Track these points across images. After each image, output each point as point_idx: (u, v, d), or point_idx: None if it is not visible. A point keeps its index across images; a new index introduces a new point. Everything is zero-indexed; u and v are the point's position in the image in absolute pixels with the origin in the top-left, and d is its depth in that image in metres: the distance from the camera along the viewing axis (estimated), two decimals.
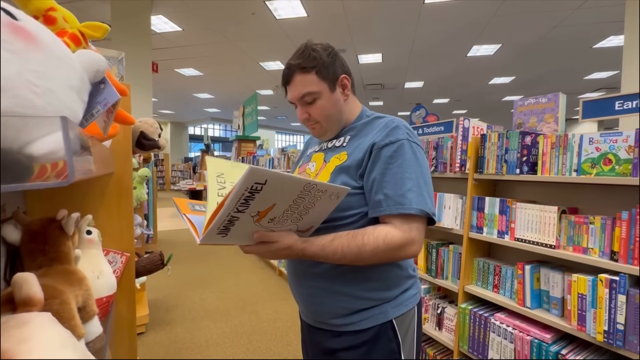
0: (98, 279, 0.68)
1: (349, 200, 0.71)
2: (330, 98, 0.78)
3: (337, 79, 0.79)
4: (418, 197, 0.69)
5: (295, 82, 0.77)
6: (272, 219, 0.60)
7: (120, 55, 0.98)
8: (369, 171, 0.73)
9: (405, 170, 0.71)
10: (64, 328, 0.40)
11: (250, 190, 0.51)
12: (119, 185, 0.85)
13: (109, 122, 0.47)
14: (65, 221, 0.60)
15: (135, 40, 4.77)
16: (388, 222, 0.70)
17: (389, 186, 0.70)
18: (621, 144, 1.18)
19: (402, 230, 0.68)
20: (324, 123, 0.81)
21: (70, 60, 0.33)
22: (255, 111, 6.30)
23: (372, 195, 0.72)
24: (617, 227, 1.16)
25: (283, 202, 0.57)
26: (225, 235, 0.57)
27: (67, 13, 0.52)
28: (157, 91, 9.14)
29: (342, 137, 0.83)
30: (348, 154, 0.77)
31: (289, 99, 0.81)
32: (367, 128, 0.80)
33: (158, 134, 1.06)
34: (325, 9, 4.75)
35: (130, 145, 0.87)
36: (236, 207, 0.53)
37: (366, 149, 0.74)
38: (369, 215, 0.73)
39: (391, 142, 0.73)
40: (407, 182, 0.70)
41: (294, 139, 20.89)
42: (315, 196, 0.58)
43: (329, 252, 0.67)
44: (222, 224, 0.55)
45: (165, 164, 13.73)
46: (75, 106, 0.33)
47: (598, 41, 5.65)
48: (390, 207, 0.69)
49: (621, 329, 1.11)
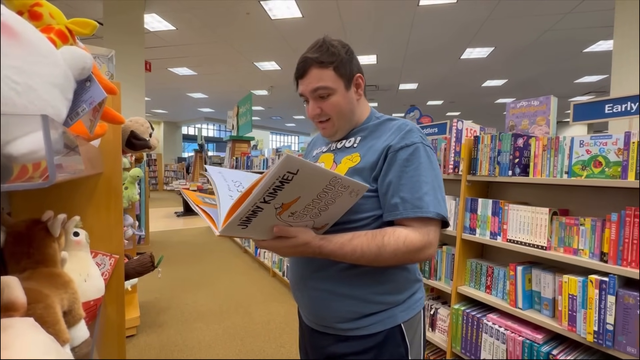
0: (85, 282, 0.67)
1: (362, 203, 0.70)
2: (345, 96, 0.77)
3: (353, 78, 0.78)
4: (434, 201, 0.69)
5: (310, 76, 0.75)
6: (293, 213, 0.59)
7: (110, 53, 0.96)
8: (384, 174, 0.72)
9: (421, 174, 0.70)
10: (47, 333, 0.39)
11: (281, 179, 0.50)
12: (108, 186, 0.83)
13: (95, 121, 0.46)
14: (51, 222, 0.58)
15: (128, 38, 4.72)
16: (406, 225, 0.69)
17: (406, 189, 0.69)
18: (611, 147, 1.20)
19: (420, 233, 0.68)
20: (336, 120, 0.78)
21: (54, 57, 0.32)
22: (250, 111, 6.27)
23: (388, 199, 0.71)
24: (606, 229, 1.18)
25: (308, 195, 0.56)
26: (245, 227, 0.56)
27: (53, 9, 0.50)
28: (150, 90, 9.05)
29: (353, 138, 0.81)
30: (361, 156, 0.75)
31: (300, 92, 0.79)
32: (379, 130, 0.79)
33: (149, 134, 1.04)
34: (320, 9, 4.75)
35: (120, 145, 0.85)
36: (264, 196, 0.52)
37: (380, 152, 0.73)
38: (385, 218, 0.73)
39: (406, 145, 0.72)
40: (423, 186, 0.69)
41: (289, 139, 20.86)
42: (337, 192, 0.58)
43: (347, 251, 0.66)
44: (245, 215, 0.54)
45: (158, 164, 13.59)
46: (59, 104, 0.32)
47: (588, 45, 5.76)
48: (408, 211, 0.68)
49: (610, 329, 1.13)
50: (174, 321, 2.52)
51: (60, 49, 0.35)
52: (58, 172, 0.36)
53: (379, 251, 0.66)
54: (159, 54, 6.62)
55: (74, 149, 0.43)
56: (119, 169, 0.84)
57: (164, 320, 2.52)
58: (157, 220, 6.73)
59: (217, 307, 2.79)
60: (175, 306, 2.79)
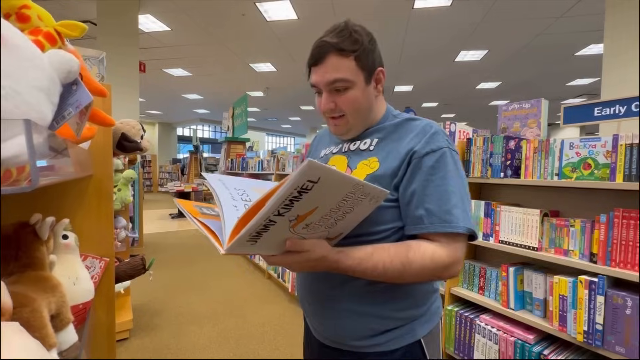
0: (74, 285, 0.66)
1: (381, 214, 0.64)
2: (364, 91, 0.68)
3: (375, 71, 0.69)
4: (463, 214, 0.63)
5: (327, 64, 0.65)
6: (308, 225, 0.52)
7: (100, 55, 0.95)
8: (407, 182, 0.64)
9: (449, 183, 0.63)
10: (33, 338, 0.38)
11: (300, 189, 0.44)
12: (99, 188, 0.82)
13: (82, 124, 0.46)
14: (39, 226, 0.57)
15: (122, 39, 4.69)
16: (431, 240, 0.63)
17: (432, 200, 0.62)
18: (600, 149, 1.22)
19: (448, 249, 0.62)
20: (351, 118, 0.70)
21: (39, 61, 0.32)
22: (245, 112, 6.26)
23: (412, 210, 0.64)
24: (596, 230, 1.20)
25: (326, 205, 0.50)
26: (254, 242, 0.49)
27: (41, 11, 0.50)
28: (144, 91, 8.99)
29: (368, 139, 0.72)
30: (380, 161, 0.67)
31: (313, 82, 0.69)
32: (399, 131, 0.70)
33: (141, 136, 1.03)
34: (316, 12, 4.76)
35: (111, 148, 0.85)
36: (278, 209, 0.45)
37: (403, 157, 0.65)
38: (407, 231, 0.65)
39: (432, 151, 0.64)
40: (452, 197, 0.62)
41: (285, 140, 20.85)
42: (357, 199, 0.52)
43: (368, 267, 0.59)
44: (256, 230, 0.47)
45: (153, 166, 13.49)
46: (44, 108, 0.32)
47: (580, 49, 5.84)
48: (435, 225, 0.62)
49: (600, 329, 1.14)
50: (168, 324, 2.50)
51: (47, 53, 0.35)
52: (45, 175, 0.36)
53: (403, 268, 0.60)
54: (154, 55, 6.59)
55: (61, 152, 0.43)
56: (109, 171, 0.83)
57: (157, 323, 2.50)
58: (152, 222, 6.68)
59: (212, 310, 2.77)
60: (169, 309, 2.76)
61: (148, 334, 2.34)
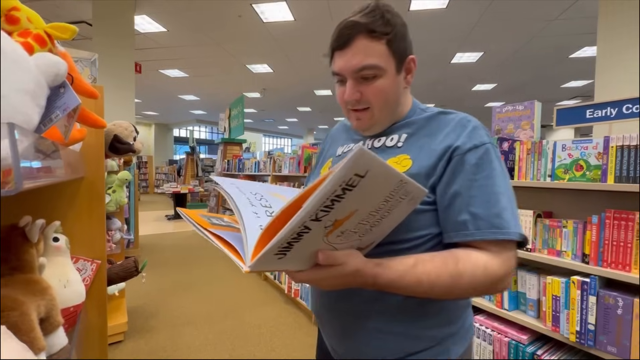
0: (65, 288, 0.66)
1: (415, 218, 0.56)
2: (394, 80, 0.60)
3: (406, 59, 0.61)
4: (514, 218, 0.55)
5: (355, 48, 0.57)
6: (343, 232, 0.44)
7: (92, 56, 0.95)
8: (448, 183, 0.57)
9: (496, 183, 0.55)
10: (19, 341, 0.38)
11: (345, 186, 0.37)
12: (90, 191, 0.82)
13: (69, 127, 0.46)
14: (28, 228, 0.57)
15: (118, 40, 4.67)
16: (479, 248, 0.54)
17: (479, 203, 0.54)
18: (591, 151, 1.24)
19: (501, 259, 0.54)
20: (377, 111, 0.61)
21: (25, 64, 0.32)
22: (242, 114, 6.25)
23: (453, 214, 0.56)
24: (588, 231, 1.21)
25: (367, 206, 0.43)
26: (283, 256, 0.41)
27: (31, 13, 0.50)
28: (141, 92, 8.96)
29: (395, 135, 0.64)
30: (412, 159, 0.59)
31: (337, 69, 0.60)
32: (431, 125, 0.62)
33: (133, 137, 1.03)
34: (313, 13, 4.77)
35: (103, 149, 0.85)
36: (317, 212, 0.37)
37: (440, 154, 0.57)
38: (447, 239, 0.57)
39: (475, 147, 0.57)
40: (500, 199, 0.55)
41: (282, 141, 20.84)
42: (397, 200, 0.45)
43: (411, 282, 0.50)
44: (287, 240, 0.39)
45: (149, 167, 13.43)
46: (30, 111, 0.32)
47: (574, 51, 5.90)
48: (484, 231, 0.54)
49: (592, 329, 1.15)
50: (163, 326, 2.48)
51: (34, 56, 0.35)
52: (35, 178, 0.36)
53: (453, 283, 0.51)
54: (150, 56, 6.57)
55: (49, 155, 0.43)
56: (101, 173, 0.83)
57: (152, 326, 2.49)
58: (147, 224, 6.64)
59: (208, 311, 2.76)
60: (165, 311, 2.75)
61: (143, 337, 2.32)
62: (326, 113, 12.64)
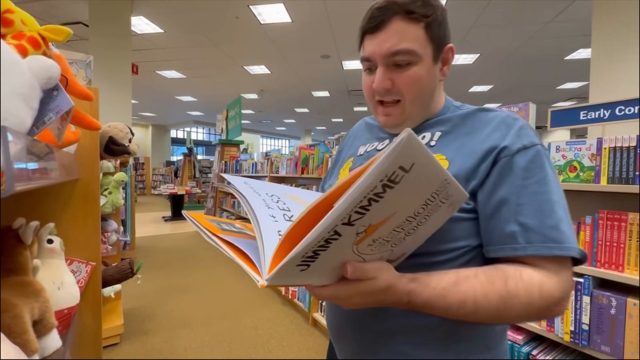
0: (59, 290, 0.66)
1: (451, 227, 0.48)
2: (430, 69, 0.53)
3: (444, 47, 0.55)
4: (571, 232, 0.47)
5: (390, 30, 0.51)
6: (375, 241, 0.37)
7: (87, 58, 0.95)
8: (492, 188, 0.49)
9: (551, 190, 0.48)
10: (12, 344, 0.38)
11: (387, 182, 0.31)
12: (85, 192, 0.82)
13: (62, 129, 0.46)
14: (22, 230, 0.57)
15: (115, 41, 4.66)
16: (531, 265, 0.47)
17: (530, 212, 0.47)
18: (585, 152, 1.25)
19: (558, 278, 0.46)
20: (409, 104, 0.54)
21: (18, 67, 0.32)
22: (239, 115, 6.25)
23: (499, 224, 0.48)
24: (582, 232, 1.22)
25: (406, 209, 0.36)
26: (306, 268, 0.35)
27: (25, 15, 0.50)
28: (138, 93, 8.93)
29: (428, 133, 0.57)
30: (448, 160, 0.52)
31: (368, 54, 0.53)
32: (469, 124, 0.55)
33: (129, 139, 1.03)
34: (310, 15, 4.79)
35: (98, 151, 0.85)
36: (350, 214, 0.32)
37: (482, 154, 0.50)
38: (490, 253, 0.50)
39: (525, 147, 0.50)
40: (557, 209, 0.47)
41: (279, 143, 20.85)
42: (438, 204, 0.38)
43: (453, 303, 0.43)
44: (313, 247, 0.33)
45: (146, 168, 13.37)
46: (22, 114, 0.32)
47: (569, 53, 5.96)
48: (536, 245, 0.46)
49: (586, 329, 1.16)
50: (160, 328, 2.47)
51: (27, 59, 0.35)
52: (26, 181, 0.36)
53: (504, 305, 0.43)
54: (147, 57, 6.55)
55: (43, 157, 0.43)
56: (96, 175, 0.83)
57: (149, 328, 2.47)
58: (144, 225, 6.61)
59: (204, 313, 2.75)
60: (161, 313, 2.74)
61: (139, 339, 2.31)
62: (324, 114, 12.66)
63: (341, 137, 3.56)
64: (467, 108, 0.59)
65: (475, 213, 0.51)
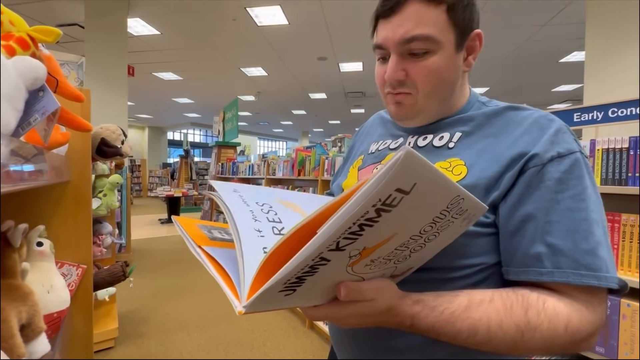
0: (48, 294, 0.65)
1: (466, 243, 0.43)
2: (451, 59, 0.46)
3: (470, 33, 0.47)
4: (611, 258, 0.41)
5: (406, 14, 0.44)
6: (374, 261, 0.34)
7: (79, 59, 0.94)
8: (518, 200, 0.43)
9: (590, 208, 0.41)
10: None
11: (380, 207, 0.27)
12: (76, 194, 0.81)
13: (49, 131, 0.45)
14: (10, 233, 0.56)
15: (111, 42, 4.64)
16: (559, 293, 0.41)
17: (561, 232, 0.40)
18: None
19: (589, 311, 0.40)
20: (423, 97, 0.47)
21: (3, 68, 0.32)
22: (236, 117, 6.25)
23: (523, 243, 0.42)
24: None
25: (409, 229, 0.32)
26: (291, 293, 0.32)
27: (14, 16, 0.50)
28: (134, 95, 8.90)
29: (447, 133, 0.50)
30: (467, 165, 0.45)
31: (380, 40, 0.47)
32: (496, 123, 0.48)
33: (121, 141, 1.02)
34: (306, 17, 4.80)
35: (89, 153, 0.84)
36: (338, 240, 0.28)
37: (508, 162, 0.43)
38: (510, 275, 0.43)
39: (560, 155, 0.42)
40: (595, 230, 0.40)
41: (276, 144, 20.84)
42: (450, 220, 0.34)
43: (463, 329, 0.38)
44: (296, 274, 0.29)
45: (143, 170, 13.31)
46: (7, 115, 0.32)
47: (563, 56, 6.02)
48: (566, 272, 0.39)
49: None
50: (155, 332, 2.45)
51: (12, 59, 0.35)
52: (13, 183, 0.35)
53: (521, 337, 0.38)
54: (143, 59, 6.54)
55: (30, 159, 0.42)
56: (87, 177, 0.82)
57: (144, 331, 2.45)
58: (140, 228, 6.57)
59: (200, 317, 2.73)
60: (157, 316, 2.71)
61: (134, 342, 2.29)
62: (321, 116, 12.68)
63: (338, 139, 3.56)
64: (494, 105, 0.52)
65: (495, 227, 0.45)
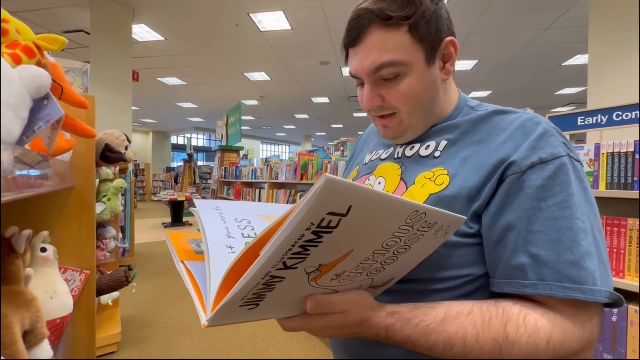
0: (51, 299, 0.65)
1: (450, 254, 0.43)
2: (424, 75, 0.46)
3: (440, 44, 0.47)
4: (601, 268, 0.38)
5: (368, 43, 0.45)
6: (340, 275, 0.34)
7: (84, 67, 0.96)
8: (498, 210, 0.42)
9: (576, 216, 0.39)
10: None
11: (316, 229, 0.27)
12: (80, 200, 0.82)
13: (53, 138, 0.46)
14: (15, 239, 0.57)
15: (116, 48, 4.70)
16: (545, 306, 0.39)
17: (544, 242, 0.39)
18: (583, 158, 1.25)
19: (577, 326, 0.38)
20: (407, 116, 0.48)
21: (8, 77, 0.32)
22: (239, 121, 6.28)
23: (505, 254, 0.41)
24: None
25: (367, 245, 0.32)
26: (254, 307, 0.33)
27: (20, 24, 0.50)
28: (138, 100, 8.98)
29: (433, 141, 0.50)
30: (450, 175, 0.45)
31: (352, 71, 0.49)
32: (482, 129, 0.48)
33: (125, 147, 1.03)
34: (309, 22, 4.84)
35: (93, 159, 0.85)
36: (283, 261, 0.29)
37: (490, 169, 0.43)
38: (496, 287, 0.42)
39: (543, 161, 0.41)
40: (581, 238, 0.38)
41: (279, 148, 20.90)
42: (417, 233, 0.34)
43: (438, 342, 0.38)
44: (251, 290, 0.30)
45: (146, 174, 13.39)
46: (11, 123, 0.32)
47: (566, 59, 6.00)
48: (550, 285, 0.38)
49: None
50: (158, 336, 2.45)
51: (17, 68, 0.35)
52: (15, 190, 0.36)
53: (499, 351, 0.37)
54: (148, 64, 6.61)
55: (35, 166, 0.43)
56: (91, 183, 0.83)
57: (146, 336, 2.45)
58: (144, 232, 6.59)
59: None
60: (159, 320, 2.71)
61: (137, 347, 2.29)
62: (323, 120, 12.71)
63: (340, 143, 3.56)
64: (482, 109, 0.52)
65: (480, 238, 0.44)
